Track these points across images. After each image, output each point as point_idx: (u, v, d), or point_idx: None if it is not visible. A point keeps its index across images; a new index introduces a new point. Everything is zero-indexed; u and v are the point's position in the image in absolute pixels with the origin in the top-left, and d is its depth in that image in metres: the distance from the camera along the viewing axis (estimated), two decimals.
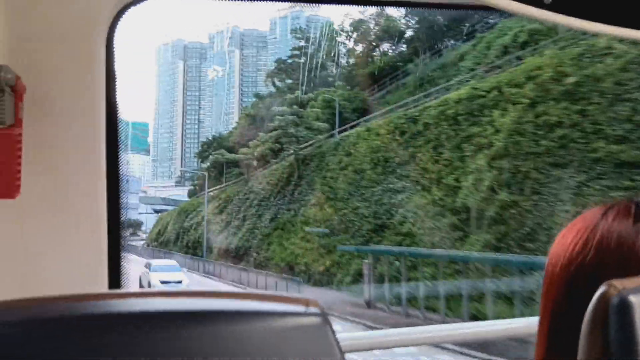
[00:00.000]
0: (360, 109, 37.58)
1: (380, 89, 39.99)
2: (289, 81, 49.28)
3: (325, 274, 26.33)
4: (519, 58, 26.10)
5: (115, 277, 1.41)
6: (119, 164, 1.43)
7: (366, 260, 22.49)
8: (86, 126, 1.35)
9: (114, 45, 1.40)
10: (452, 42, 39.16)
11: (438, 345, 11.99)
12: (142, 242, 60.91)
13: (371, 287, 21.71)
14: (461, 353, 14.18)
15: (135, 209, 74.30)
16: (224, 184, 45.25)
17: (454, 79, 29.59)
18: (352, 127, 34.12)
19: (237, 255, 34.18)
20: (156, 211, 73.61)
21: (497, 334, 1.79)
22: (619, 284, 0.54)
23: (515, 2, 0.89)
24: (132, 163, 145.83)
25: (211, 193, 47.20)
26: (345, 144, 31.87)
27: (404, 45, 43.46)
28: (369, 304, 21.31)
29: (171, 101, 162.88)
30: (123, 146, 1.43)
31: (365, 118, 34.19)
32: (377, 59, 43.65)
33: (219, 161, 40.85)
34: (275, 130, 36.77)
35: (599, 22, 0.92)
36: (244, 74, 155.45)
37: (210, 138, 54.18)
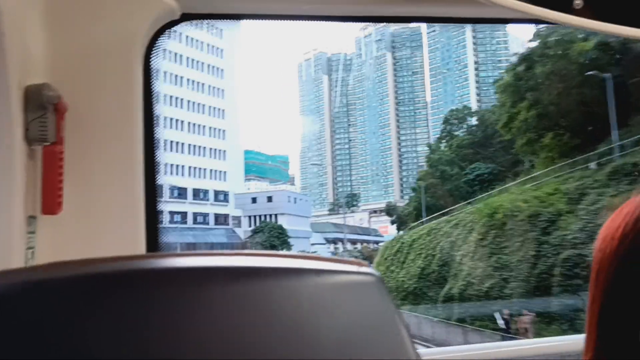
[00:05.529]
0: None
1: None
2: None
3: None
4: None
5: None
6: (156, 184, 1.43)
7: None
8: (124, 146, 1.37)
9: (152, 65, 1.43)
10: None
11: None
12: None
13: None
14: None
15: (307, 237, 54.70)
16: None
17: None
18: None
19: None
20: (328, 241, 56.40)
21: (543, 351, 1.76)
22: None
23: (541, 8, 0.88)
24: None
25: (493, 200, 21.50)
26: None
27: None
28: None
29: (317, 120, 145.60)
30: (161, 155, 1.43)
31: None
32: None
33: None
34: None
35: (632, 26, 0.91)
36: (397, 79, 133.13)
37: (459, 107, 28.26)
